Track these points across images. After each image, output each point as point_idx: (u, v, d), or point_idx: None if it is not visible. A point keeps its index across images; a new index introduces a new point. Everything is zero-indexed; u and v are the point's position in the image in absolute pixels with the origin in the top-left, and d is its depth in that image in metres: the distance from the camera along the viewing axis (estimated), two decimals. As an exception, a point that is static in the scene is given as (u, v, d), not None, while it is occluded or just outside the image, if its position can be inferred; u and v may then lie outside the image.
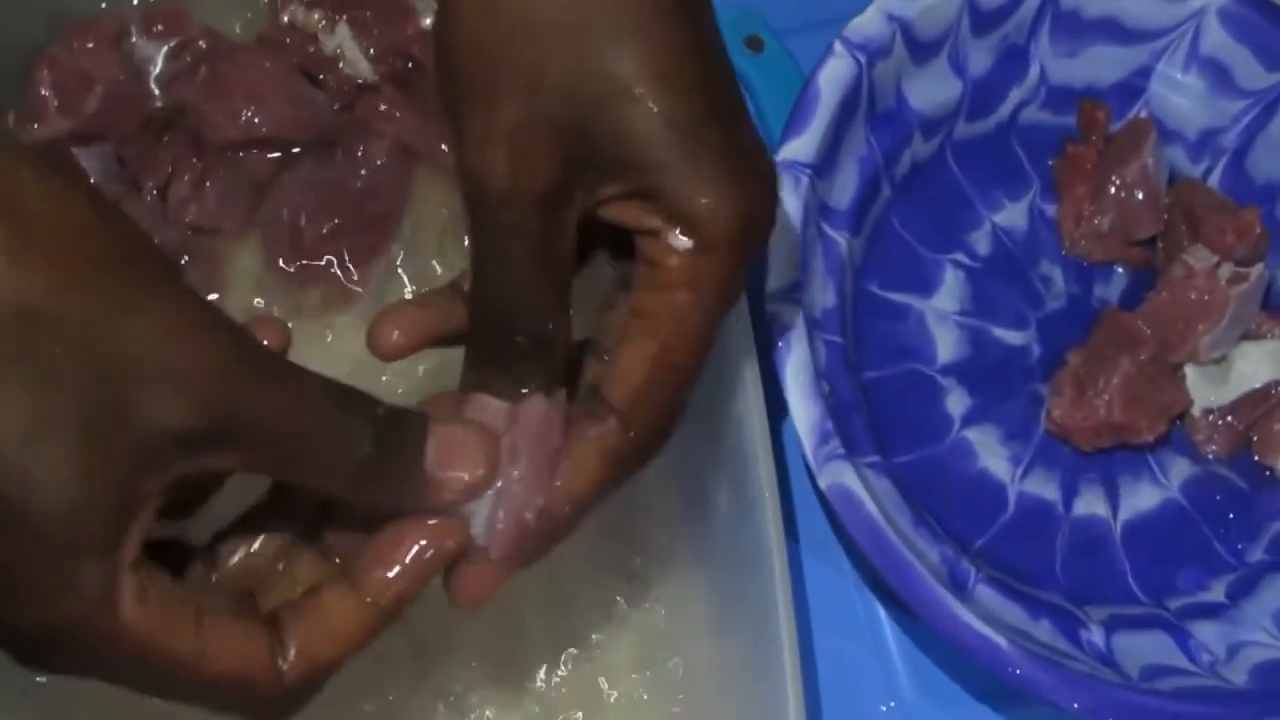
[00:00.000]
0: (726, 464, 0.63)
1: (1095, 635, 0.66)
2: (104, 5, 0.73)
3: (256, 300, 0.71)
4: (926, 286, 0.75)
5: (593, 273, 0.53)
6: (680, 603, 0.67)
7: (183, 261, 0.71)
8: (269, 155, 0.73)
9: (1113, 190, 0.75)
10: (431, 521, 0.46)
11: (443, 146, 0.73)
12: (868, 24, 0.71)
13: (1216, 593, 0.70)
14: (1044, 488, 0.71)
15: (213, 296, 0.64)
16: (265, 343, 0.45)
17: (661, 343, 0.48)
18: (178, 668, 0.43)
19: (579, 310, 0.49)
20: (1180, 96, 0.78)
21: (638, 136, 0.46)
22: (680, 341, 0.48)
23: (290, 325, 0.49)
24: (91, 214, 0.41)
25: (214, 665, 0.43)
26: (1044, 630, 0.65)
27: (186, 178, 0.71)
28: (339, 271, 0.72)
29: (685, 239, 0.47)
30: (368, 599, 0.45)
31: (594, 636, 0.66)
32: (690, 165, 0.46)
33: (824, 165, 0.69)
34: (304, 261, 0.71)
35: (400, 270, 0.72)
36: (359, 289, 0.72)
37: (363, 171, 0.73)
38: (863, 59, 0.70)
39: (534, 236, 0.46)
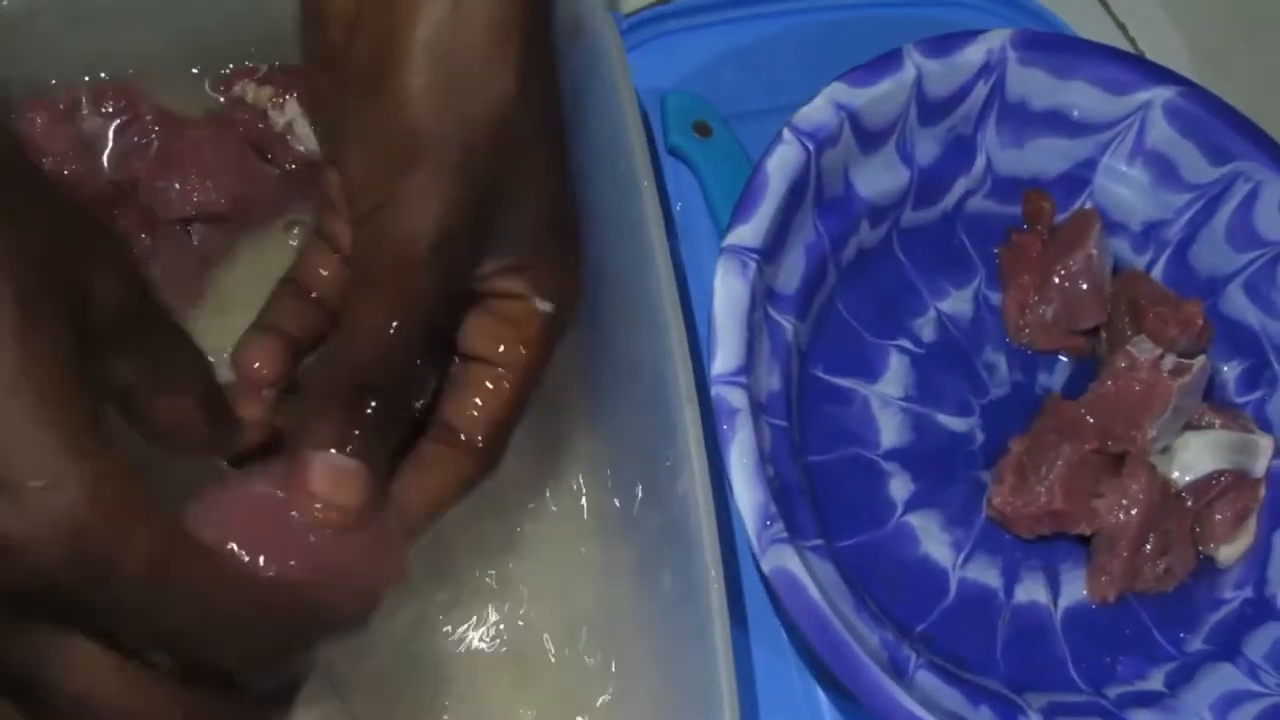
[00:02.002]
0: (672, 544, 0.63)
1: (1035, 723, 0.66)
2: (54, 81, 0.73)
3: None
4: (871, 372, 0.75)
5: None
6: (625, 680, 0.67)
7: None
8: (219, 231, 0.73)
9: (1057, 280, 0.75)
10: None
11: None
12: (816, 112, 0.71)
13: (1155, 682, 0.70)
14: (985, 574, 0.72)
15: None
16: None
17: (516, 388, 0.57)
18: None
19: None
20: (1125, 189, 0.79)
21: (529, 224, 0.56)
22: (530, 385, 0.58)
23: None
24: None
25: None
26: (984, 717, 0.65)
27: (135, 253, 0.71)
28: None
29: (548, 304, 0.57)
30: None
31: (533, 712, 0.66)
32: (557, 250, 0.58)
33: (771, 250, 0.70)
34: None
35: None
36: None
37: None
38: (811, 147, 0.71)
39: (437, 300, 0.54)
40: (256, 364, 0.57)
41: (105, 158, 0.73)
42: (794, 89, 0.73)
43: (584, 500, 0.70)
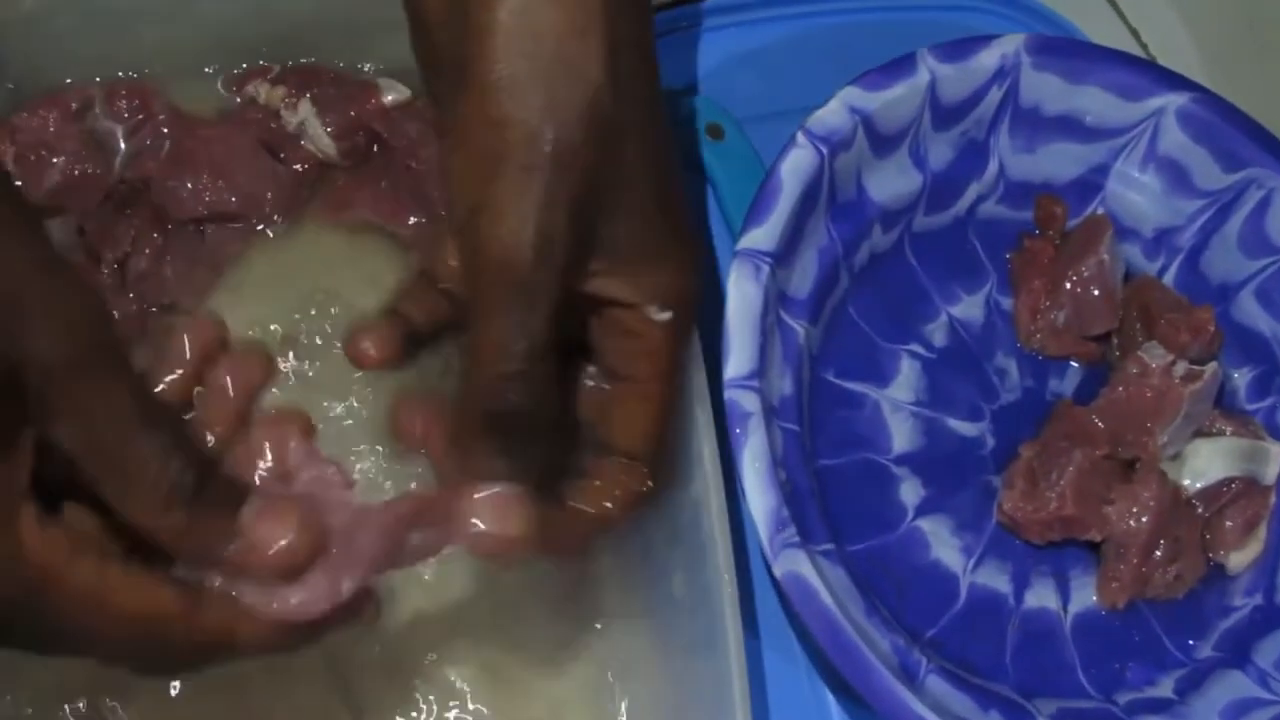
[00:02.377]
0: (684, 546, 0.63)
1: (1044, 729, 0.66)
2: (68, 80, 0.73)
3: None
4: (882, 376, 0.75)
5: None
6: (637, 683, 0.67)
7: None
8: (231, 231, 0.73)
9: (1069, 285, 0.75)
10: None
11: (411, 220, 0.74)
12: (830, 116, 0.71)
13: (1165, 689, 0.70)
14: (995, 579, 0.72)
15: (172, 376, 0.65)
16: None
17: (655, 399, 0.56)
18: (81, 600, 0.44)
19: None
20: (1137, 194, 0.79)
21: (634, 226, 0.53)
22: (671, 394, 0.57)
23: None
24: None
25: (119, 601, 0.45)
26: (994, 722, 0.65)
27: (146, 252, 0.71)
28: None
29: (665, 312, 0.54)
30: None
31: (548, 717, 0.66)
32: (664, 250, 0.54)
33: (784, 254, 0.70)
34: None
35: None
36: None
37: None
38: (825, 150, 0.71)
39: (549, 306, 0.51)
40: (365, 345, 0.55)
41: (116, 156, 0.73)
42: (807, 92, 0.73)
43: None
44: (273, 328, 0.72)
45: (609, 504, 0.56)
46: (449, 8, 0.52)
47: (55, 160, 0.71)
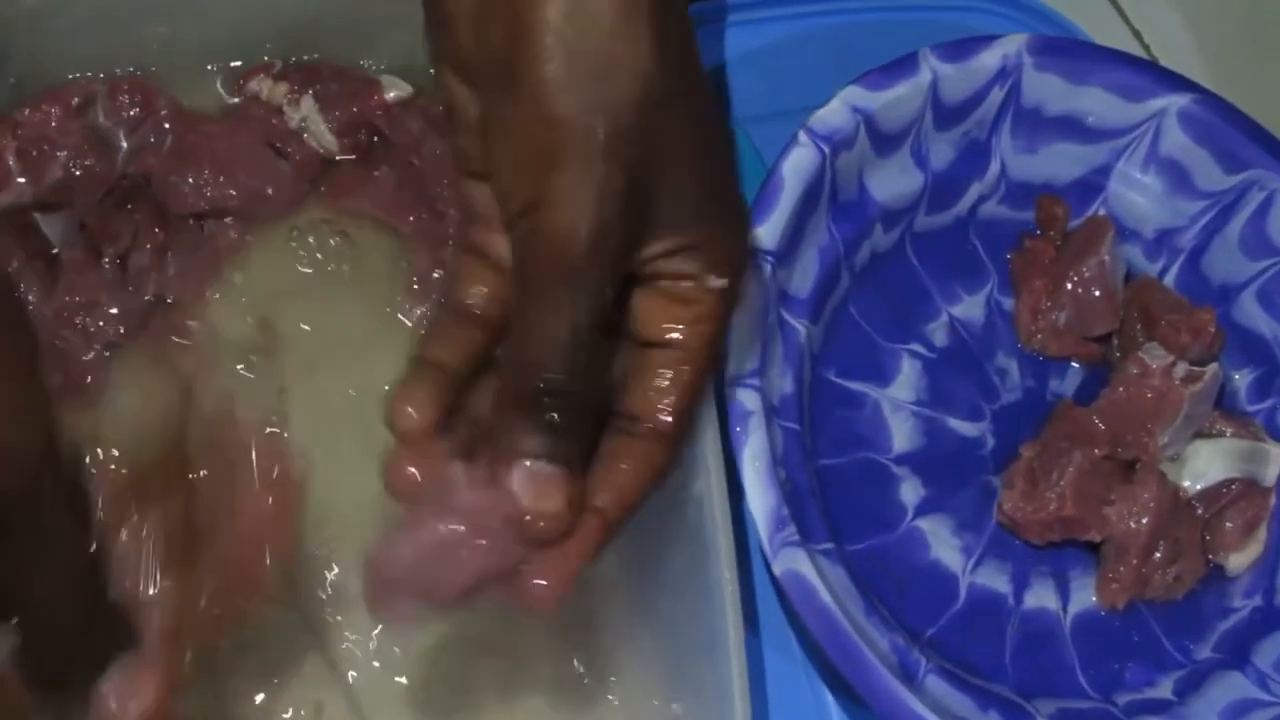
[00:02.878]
0: (686, 545, 0.63)
1: (1043, 729, 0.66)
2: (71, 76, 0.73)
3: (219, 378, 0.71)
4: (883, 376, 0.75)
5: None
6: (636, 681, 0.66)
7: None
8: (233, 226, 0.73)
9: (1070, 286, 0.75)
10: None
11: (412, 216, 0.74)
12: (832, 115, 0.71)
13: (1164, 689, 0.70)
14: (995, 579, 0.72)
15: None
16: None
17: (697, 369, 0.55)
18: None
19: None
20: (1139, 195, 0.79)
21: (687, 198, 0.53)
22: (710, 363, 0.56)
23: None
24: None
25: None
26: (993, 722, 0.65)
27: (148, 247, 0.71)
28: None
29: (721, 279, 0.54)
30: None
31: (548, 714, 0.66)
32: (719, 220, 0.54)
33: (785, 253, 0.70)
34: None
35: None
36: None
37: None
38: (827, 149, 0.71)
39: (603, 293, 0.51)
40: (410, 410, 0.54)
41: (118, 151, 0.73)
42: (809, 91, 0.73)
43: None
44: (271, 323, 0.72)
45: (634, 483, 0.54)
46: (481, 7, 0.52)
47: (57, 155, 0.71)
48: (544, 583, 0.51)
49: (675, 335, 0.55)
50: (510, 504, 0.50)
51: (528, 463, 0.50)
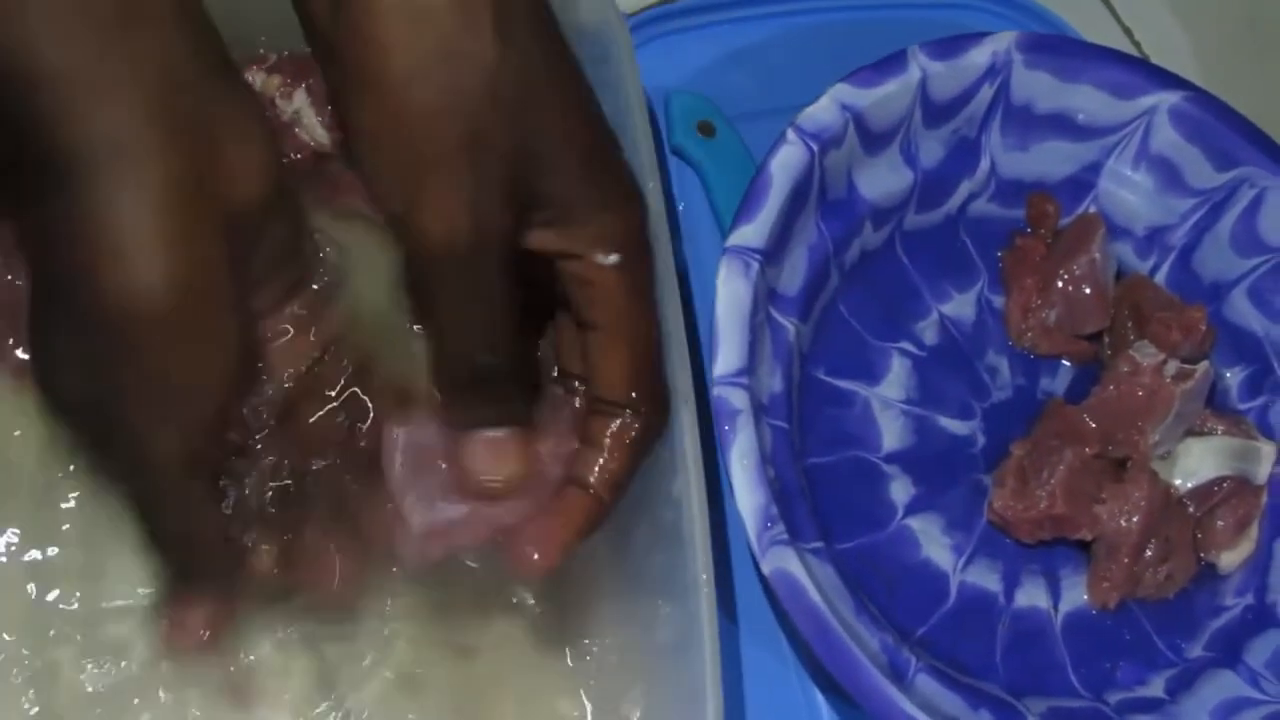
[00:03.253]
0: (665, 545, 0.62)
1: (1034, 728, 0.66)
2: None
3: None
4: (873, 374, 0.75)
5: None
6: (612, 682, 0.66)
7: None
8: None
9: (1060, 284, 0.75)
10: None
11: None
12: (821, 113, 0.71)
13: (1156, 688, 0.70)
14: (986, 578, 0.71)
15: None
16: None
17: (628, 341, 0.55)
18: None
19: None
20: (1129, 193, 0.79)
21: (561, 173, 0.52)
22: (640, 331, 0.56)
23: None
24: None
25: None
26: (983, 722, 0.65)
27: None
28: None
29: (610, 255, 0.54)
30: None
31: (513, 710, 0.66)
32: (599, 194, 0.54)
33: (774, 251, 0.69)
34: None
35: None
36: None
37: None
38: (815, 147, 0.70)
39: (501, 277, 0.51)
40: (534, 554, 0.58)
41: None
42: (798, 89, 0.73)
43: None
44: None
45: (611, 464, 0.56)
46: (330, 7, 0.51)
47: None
48: (534, 552, 0.55)
49: (598, 315, 0.55)
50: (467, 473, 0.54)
51: (479, 431, 0.53)
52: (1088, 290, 0.75)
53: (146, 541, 0.51)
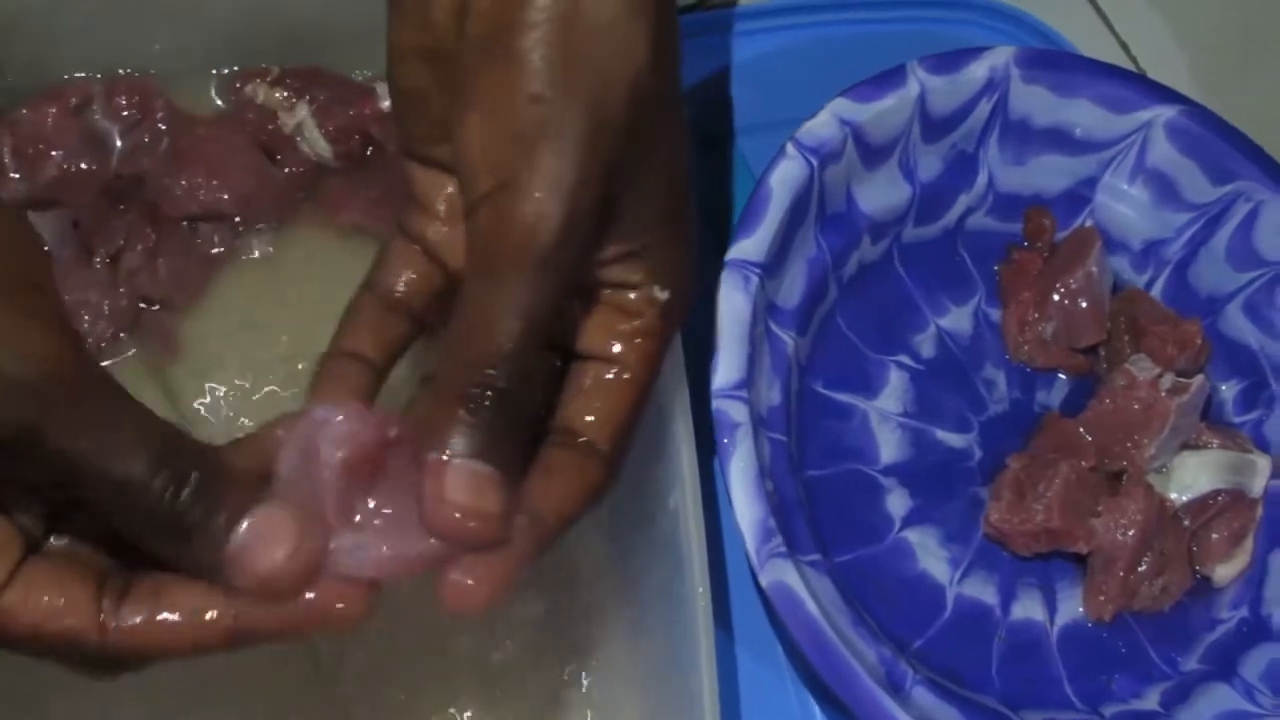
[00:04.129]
0: (661, 559, 0.63)
1: (1030, 740, 0.66)
2: (66, 77, 0.73)
3: (207, 380, 0.71)
4: (870, 387, 0.75)
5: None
6: (611, 696, 0.67)
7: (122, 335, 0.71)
8: (224, 229, 0.73)
9: (1057, 298, 0.75)
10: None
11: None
12: (820, 127, 0.72)
13: (1151, 701, 0.70)
14: (982, 591, 0.72)
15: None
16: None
17: (638, 386, 0.53)
18: None
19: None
20: (1126, 207, 0.79)
21: (648, 205, 0.52)
22: (649, 379, 0.54)
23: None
24: None
25: (28, 615, 0.44)
26: (979, 734, 0.65)
27: (139, 248, 0.71)
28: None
29: (665, 291, 0.53)
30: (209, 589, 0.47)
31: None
32: (671, 231, 0.54)
33: (773, 265, 0.70)
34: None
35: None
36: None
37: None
38: (814, 161, 0.71)
39: (562, 290, 0.49)
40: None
41: (114, 152, 0.73)
42: (797, 103, 0.73)
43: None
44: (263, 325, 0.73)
45: (570, 499, 0.51)
46: None
47: (53, 154, 0.72)
48: (472, 583, 0.47)
49: (616, 349, 0.53)
50: (439, 501, 0.47)
51: (465, 459, 0.47)
52: (1084, 304, 0.75)
53: None
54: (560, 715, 0.66)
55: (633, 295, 0.53)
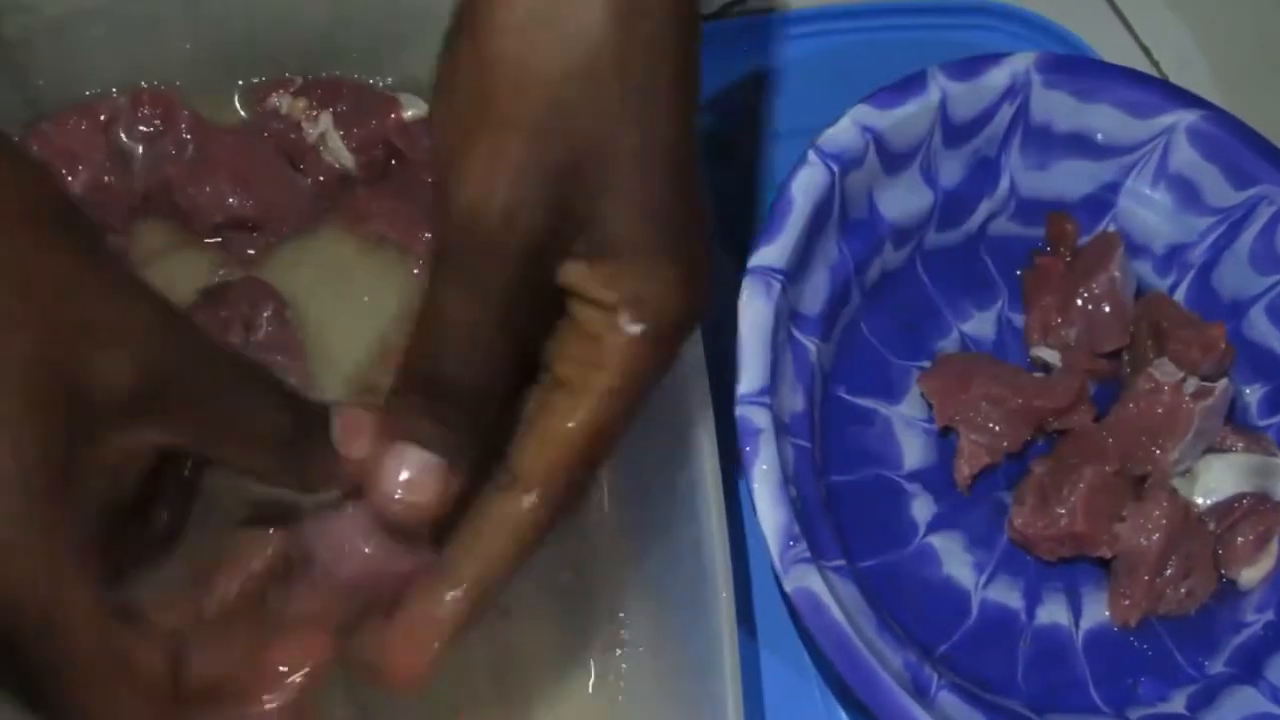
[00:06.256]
0: (685, 567, 0.63)
1: (1056, 745, 0.66)
2: (87, 92, 0.74)
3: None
4: (894, 393, 0.75)
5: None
6: (632, 699, 0.67)
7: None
8: (248, 239, 0.73)
9: (1080, 302, 0.75)
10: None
11: (426, 235, 0.74)
12: (841, 134, 0.72)
13: (1177, 704, 0.70)
14: (1007, 595, 0.72)
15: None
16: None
17: (583, 422, 0.48)
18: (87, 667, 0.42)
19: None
20: (1148, 211, 0.79)
21: (623, 211, 0.47)
22: (603, 423, 0.48)
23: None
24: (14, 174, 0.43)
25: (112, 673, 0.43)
26: (1005, 738, 0.65)
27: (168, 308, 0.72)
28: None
29: (636, 325, 0.47)
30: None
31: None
32: (658, 250, 0.47)
33: (796, 272, 0.70)
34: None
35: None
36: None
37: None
38: (836, 168, 0.71)
39: (510, 282, 0.46)
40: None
41: (139, 162, 0.73)
42: (818, 110, 0.73)
43: (605, 506, 0.70)
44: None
45: (495, 559, 0.49)
46: None
47: (80, 170, 0.72)
48: (404, 653, 0.48)
49: (568, 372, 0.49)
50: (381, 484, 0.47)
51: (414, 446, 0.46)
52: (1107, 308, 0.75)
53: None
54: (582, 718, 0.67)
55: (600, 317, 0.48)
